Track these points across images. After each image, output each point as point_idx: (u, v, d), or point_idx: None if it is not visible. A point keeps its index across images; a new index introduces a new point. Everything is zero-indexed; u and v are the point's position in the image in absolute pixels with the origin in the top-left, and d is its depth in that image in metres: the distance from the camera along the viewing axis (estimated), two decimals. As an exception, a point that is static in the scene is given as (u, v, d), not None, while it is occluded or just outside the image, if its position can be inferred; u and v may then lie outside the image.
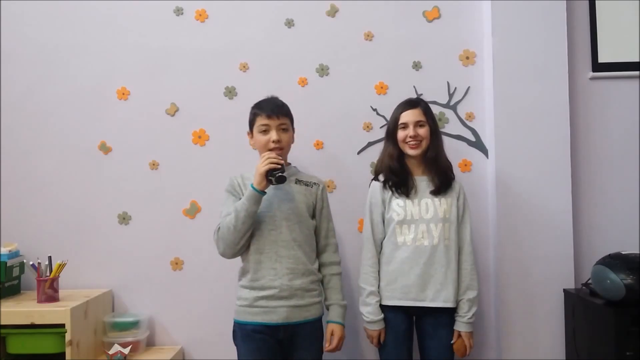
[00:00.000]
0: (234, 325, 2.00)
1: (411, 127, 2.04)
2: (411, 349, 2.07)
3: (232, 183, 2.03)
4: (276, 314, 1.91)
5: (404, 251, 2.03)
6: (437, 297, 2.00)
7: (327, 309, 2.05)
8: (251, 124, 2.04)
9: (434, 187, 2.05)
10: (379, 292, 2.05)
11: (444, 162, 2.09)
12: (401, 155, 2.09)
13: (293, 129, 2.07)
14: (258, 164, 1.90)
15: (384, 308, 2.04)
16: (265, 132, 1.98)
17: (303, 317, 1.95)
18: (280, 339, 1.93)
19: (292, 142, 2.07)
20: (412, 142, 2.04)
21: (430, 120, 2.08)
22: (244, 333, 1.94)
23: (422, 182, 2.08)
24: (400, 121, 2.06)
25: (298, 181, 2.06)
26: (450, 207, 2.05)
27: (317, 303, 2.00)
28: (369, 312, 2.03)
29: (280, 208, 1.97)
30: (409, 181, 2.06)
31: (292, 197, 2.00)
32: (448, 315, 2.03)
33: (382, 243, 2.09)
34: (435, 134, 2.09)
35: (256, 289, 1.93)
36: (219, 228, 1.92)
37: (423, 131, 2.05)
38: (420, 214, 2.03)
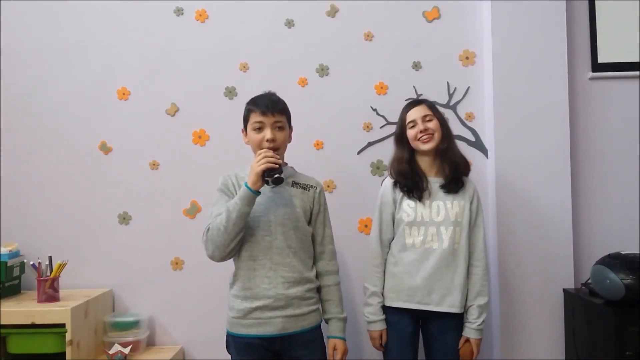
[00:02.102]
0: (227, 336, 1.90)
1: (420, 122, 1.99)
2: (416, 353, 2.04)
3: (225, 182, 1.91)
4: (271, 325, 1.81)
5: (412, 253, 1.99)
6: (443, 302, 1.96)
7: (327, 322, 1.96)
8: (245, 120, 1.92)
9: (446, 181, 1.99)
10: (382, 294, 2.02)
11: (457, 154, 2.03)
12: (412, 158, 2.05)
13: (290, 127, 1.94)
14: (253, 162, 1.78)
15: (389, 310, 2.01)
16: (259, 129, 1.85)
17: (300, 326, 1.84)
18: (276, 350, 1.84)
19: (289, 141, 1.94)
20: (424, 137, 1.99)
21: (438, 114, 2.04)
22: (237, 345, 1.85)
23: (436, 184, 2.02)
24: (408, 120, 2.03)
25: (295, 183, 1.94)
26: (462, 210, 2.00)
27: (314, 311, 1.90)
28: (370, 312, 2.01)
29: (276, 212, 1.85)
30: (422, 184, 2.01)
31: (288, 201, 1.88)
32: (455, 319, 1.99)
33: (390, 244, 2.06)
34: (445, 127, 2.04)
35: (249, 298, 1.83)
36: (209, 229, 1.80)
37: (432, 124, 2.00)
38: (430, 216, 1.99)
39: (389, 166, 2.12)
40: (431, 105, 2.06)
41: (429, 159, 2.04)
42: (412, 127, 2.02)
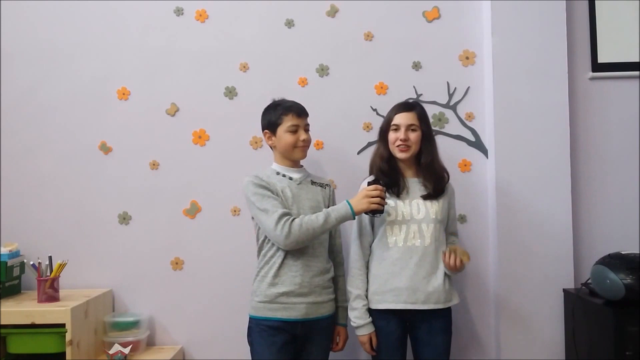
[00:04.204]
0: (250, 322, 2.02)
1: (402, 129, 2.01)
2: (405, 355, 2.05)
3: (260, 181, 2.00)
4: (296, 310, 1.95)
5: (395, 252, 2.00)
6: (429, 300, 1.96)
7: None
8: (274, 124, 2.04)
9: (427, 193, 2.03)
10: (367, 296, 2.02)
11: (439, 167, 2.07)
12: (392, 157, 2.07)
13: None
14: (366, 192, 1.93)
15: (375, 313, 2.01)
16: (294, 132, 2.02)
17: (319, 313, 1.99)
18: (296, 334, 1.97)
19: None
20: (401, 146, 2.01)
21: (424, 126, 2.05)
22: (261, 328, 1.97)
23: (414, 184, 2.06)
24: (394, 122, 2.04)
25: (313, 182, 2.11)
26: (441, 208, 2.03)
27: (332, 300, 2.05)
28: (356, 316, 2.00)
29: (304, 209, 2.01)
30: (400, 181, 2.05)
31: (314, 199, 2.06)
32: (443, 320, 2.01)
33: (371, 246, 2.07)
34: (429, 139, 2.06)
35: (277, 285, 1.96)
36: (292, 222, 1.90)
37: (414, 136, 2.02)
38: (411, 214, 2.01)
39: (370, 161, 2.15)
40: (421, 115, 2.06)
41: (406, 162, 2.08)
42: (395, 130, 2.04)
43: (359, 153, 2.45)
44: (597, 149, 2.41)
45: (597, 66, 2.41)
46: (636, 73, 2.40)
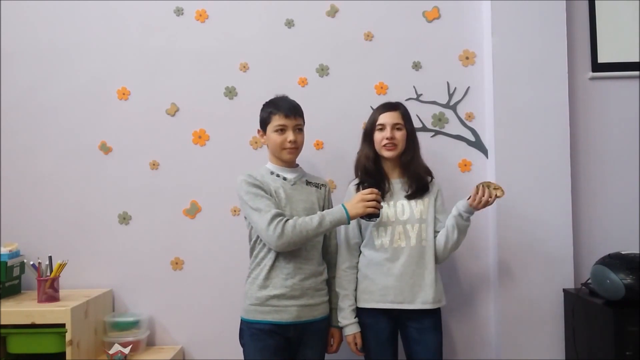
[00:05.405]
0: (242, 324, 2.00)
1: (388, 128, 2.03)
2: (396, 353, 2.06)
3: (254, 180, 1.97)
4: (287, 312, 1.93)
5: (381, 253, 2.01)
6: (415, 300, 1.98)
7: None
8: (265, 122, 2.03)
9: (410, 192, 2.05)
10: (355, 296, 2.04)
11: (421, 165, 2.08)
12: (377, 157, 2.09)
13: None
14: (360, 197, 1.90)
15: (364, 312, 2.02)
16: (281, 131, 1.99)
17: (312, 315, 1.97)
18: (289, 337, 1.95)
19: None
20: (388, 144, 2.03)
21: (408, 125, 2.08)
22: (252, 332, 1.95)
23: (398, 185, 2.08)
24: (379, 122, 2.06)
25: (308, 183, 2.09)
26: (426, 208, 2.04)
27: (325, 302, 2.03)
28: (342, 316, 2.03)
29: (297, 210, 1.99)
30: (384, 184, 2.06)
31: (308, 200, 2.03)
32: (432, 318, 2.02)
33: (359, 247, 2.09)
34: (412, 138, 2.08)
35: (268, 287, 1.94)
36: (286, 223, 1.87)
37: (400, 134, 2.04)
38: (396, 216, 2.02)
39: (355, 162, 2.16)
40: (404, 114, 2.09)
41: (391, 163, 2.10)
42: (380, 130, 2.06)
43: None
44: (597, 149, 2.41)
45: (597, 66, 2.42)
46: (636, 73, 2.40)
